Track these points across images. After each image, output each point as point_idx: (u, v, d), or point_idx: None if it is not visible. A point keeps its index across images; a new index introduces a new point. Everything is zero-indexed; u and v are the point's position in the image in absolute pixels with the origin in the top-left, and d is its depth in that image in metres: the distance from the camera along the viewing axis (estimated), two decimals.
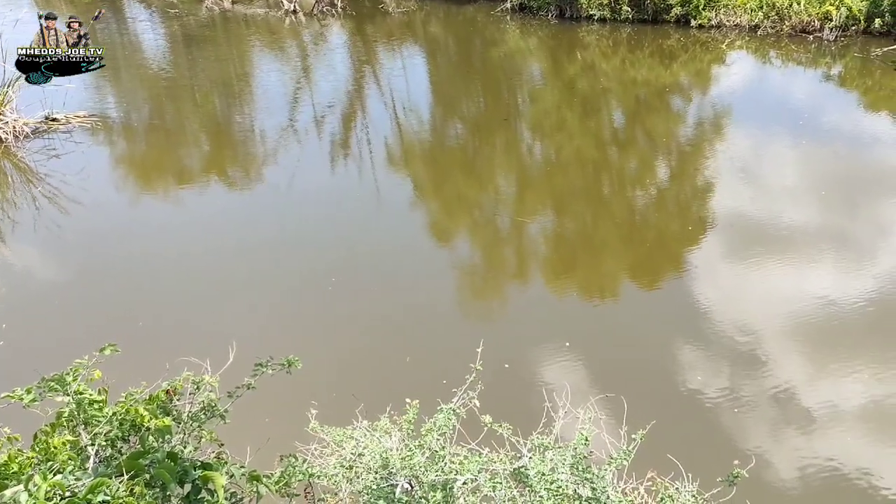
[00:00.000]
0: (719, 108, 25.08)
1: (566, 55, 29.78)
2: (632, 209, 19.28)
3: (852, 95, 25.71)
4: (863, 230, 17.21)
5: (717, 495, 6.55)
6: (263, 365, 6.12)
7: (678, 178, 20.77)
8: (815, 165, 20.49)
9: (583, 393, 11.06)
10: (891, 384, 12.62)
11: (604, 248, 17.48)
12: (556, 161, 22.19)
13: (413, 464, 6.19)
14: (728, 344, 13.70)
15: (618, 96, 26.54)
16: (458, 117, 25.27)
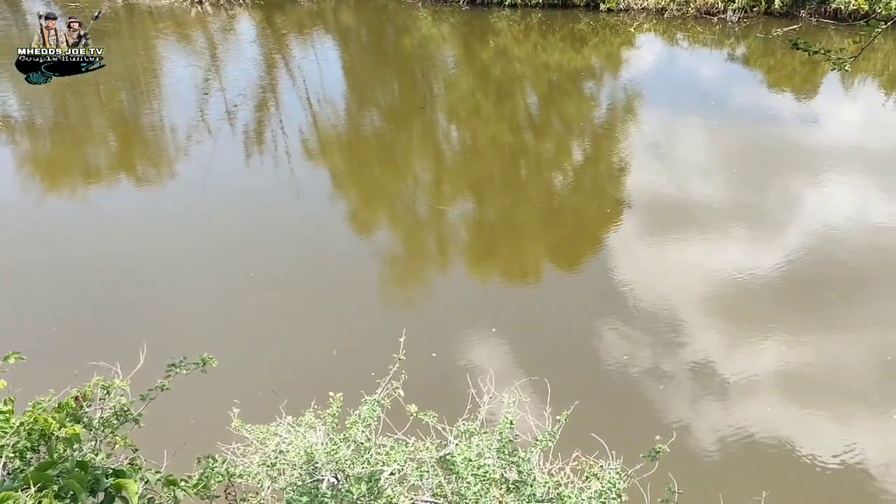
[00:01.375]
0: (631, 90, 25.47)
1: (479, 41, 29.81)
2: (550, 193, 19.43)
3: (757, 75, 26.43)
4: (772, 205, 17.71)
5: (641, 470, 6.61)
6: (177, 365, 5.90)
7: (594, 161, 21.02)
8: (725, 144, 20.98)
9: (508, 377, 11.07)
10: (801, 351, 13.02)
11: (524, 233, 17.57)
12: (473, 147, 22.21)
13: (338, 458, 6.07)
14: (648, 321, 13.93)
15: (532, 81, 26.70)
16: (374, 106, 25.05)
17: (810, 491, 10.55)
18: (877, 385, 12.33)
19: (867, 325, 13.58)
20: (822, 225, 16.56)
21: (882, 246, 15.75)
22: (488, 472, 5.90)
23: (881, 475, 10.80)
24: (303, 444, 6.33)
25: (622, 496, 6.04)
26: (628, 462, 6.77)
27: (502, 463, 6.07)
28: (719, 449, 11.28)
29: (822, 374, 12.64)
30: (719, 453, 11.22)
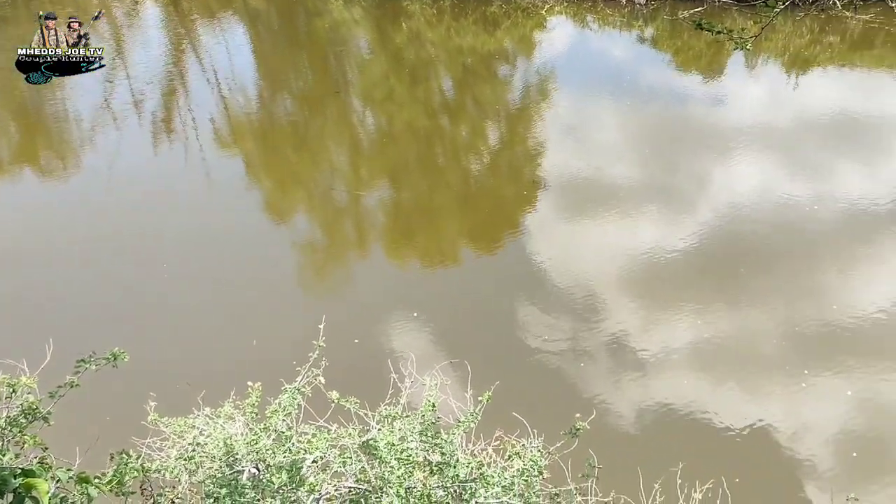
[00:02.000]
0: (544, 72, 25.66)
1: (391, 25, 29.59)
2: (467, 176, 19.49)
3: (665, 56, 26.93)
4: (683, 183, 18.14)
5: (562, 447, 6.70)
6: (86, 361, 5.70)
7: (509, 144, 21.15)
8: (637, 124, 21.35)
9: (430, 360, 11.08)
10: (714, 325, 13.40)
11: (443, 216, 17.59)
12: (389, 132, 22.09)
13: (259, 448, 5.97)
14: (565, 300, 14.13)
15: (446, 65, 26.67)
16: (287, 92, 24.66)
17: (724, 459, 10.87)
18: (786, 355, 12.78)
19: (776, 298, 14.04)
20: (731, 202, 17.03)
21: (787, 221, 16.28)
22: (411, 455, 5.88)
23: (790, 441, 11.22)
24: (221, 435, 6.20)
25: (544, 473, 6.11)
26: (550, 440, 6.85)
27: (425, 446, 6.07)
28: (637, 423, 11.55)
29: (734, 347, 13.02)
30: (637, 427, 11.48)
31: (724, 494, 6.78)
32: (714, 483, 7.05)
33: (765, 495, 10.31)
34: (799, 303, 13.92)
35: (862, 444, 11.19)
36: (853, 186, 17.43)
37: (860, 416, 11.63)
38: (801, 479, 10.66)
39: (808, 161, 18.79)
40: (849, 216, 16.37)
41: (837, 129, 20.42)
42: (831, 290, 14.22)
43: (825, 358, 12.64)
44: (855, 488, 10.36)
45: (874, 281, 14.37)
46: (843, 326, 13.26)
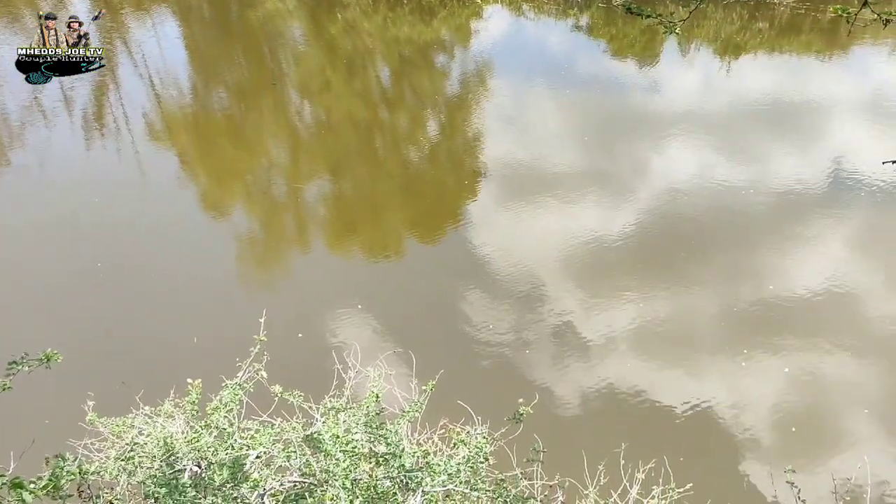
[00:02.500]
0: (482, 61, 25.70)
1: (326, 15, 29.31)
2: (408, 166, 19.44)
3: (601, 44, 27.20)
4: (622, 169, 18.35)
5: (507, 433, 6.74)
6: (18, 363, 5.51)
7: (449, 133, 21.15)
8: (576, 112, 21.53)
9: (375, 351, 11.05)
10: (655, 308, 13.62)
11: (384, 207, 17.52)
12: (327, 123, 21.91)
13: (200, 445, 5.87)
14: (509, 287, 14.20)
15: (383, 55, 26.53)
16: (222, 84, 24.25)
17: (666, 439, 11.07)
18: (726, 336, 13.04)
19: (715, 281, 14.32)
20: (669, 187, 17.30)
21: (724, 205, 16.60)
22: (357, 447, 5.85)
23: (731, 419, 11.47)
24: (161, 434, 6.09)
25: (489, 459, 6.14)
26: (495, 426, 6.89)
27: (370, 437, 6.04)
28: (582, 406, 11.68)
29: (675, 329, 13.25)
30: (582, 410, 11.61)
31: (667, 473, 6.88)
32: (657, 462, 7.16)
33: (707, 472, 10.50)
34: (737, 285, 14.21)
35: (800, 419, 11.49)
36: (786, 169, 17.86)
37: (797, 392, 11.94)
38: (742, 455, 10.90)
39: (742, 145, 19.17)
40: (782, 199, 16.76)
41: (769, 113, 20.88)
42: (767, 271, 14.55)
43: (763, 337, 12.94)
44: (794, 462, 10.62)
45: (807, 261, 14.75)
46: (780, 306, 13.59)
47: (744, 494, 10.04)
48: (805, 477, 10.27)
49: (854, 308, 13.57)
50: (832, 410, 11.61)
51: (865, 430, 11.22)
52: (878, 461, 10.67)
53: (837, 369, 12.27)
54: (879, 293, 13.91)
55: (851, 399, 11.74)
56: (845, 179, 17.40)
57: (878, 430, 11.22)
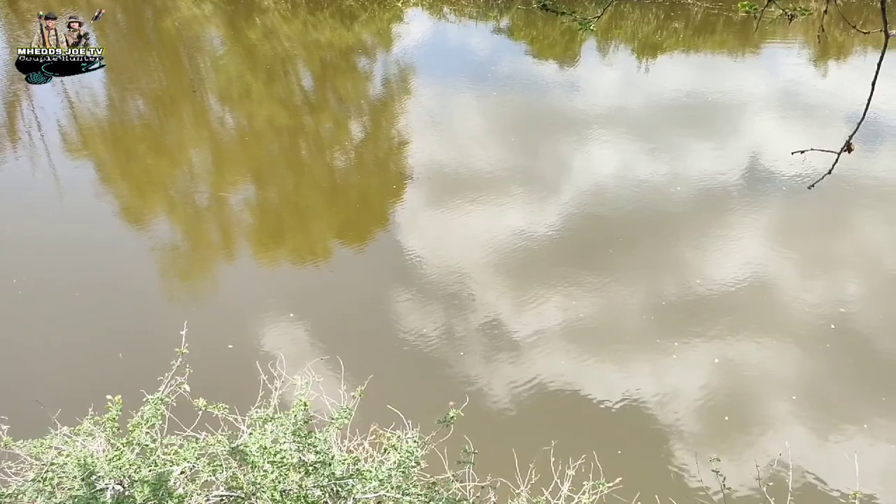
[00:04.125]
0: (405, 65, 25.69)
1: (245, 21, 28.91)
2: (334, 172, 19.29)
3: (522, 46, 27.47)
4: (548, 169, 18.54)
5: (438, 436, 6.72)
6: None
7: (375, 138, 21.06)
8: (501, 114, 21.66)
9: (304, 359, 10.91)
10: (584, 304, 13.77)
11: (311, 214, 17.35)
12: (250, 130, 21.58)
13: (122, 464, 5.69)
14: (438, 289, 14.20)
15: (304, 60, 26.29)
16: (139, 92, 23.67)
17: (597, 434, 11.20)
18: (656, 328, 13.25)
19: (641, 275, 14.54)
20: (594, 184, 17.55)
21: (647, 201, 16.90)
22: (285, 457, 5.75)
23: (664, 411, 11.65)
24: (82, 453, 5.88)
25: (421, 463, 6.10)
26: (426, 429, 6.86)
27: (299, 446, 5.94)
28: (513, 405, 11.72)
29: (605, 324, 13.41)
30: (513, 409, 11.65)
31: (597, 468, 6.95)
32: (587, 458, 7.22)
33: (638, 465, 10.64)
34: (664, 279, 14.46)
35: (731, 407, 11.71)
36: (705, 165, 18.30)
37: (729, 381, 12.18)
38: (672, 446, 11.07)
39: (662, 142, 19.56)
40: (703, 193, 17.16)
41: (687, 111, 21.37)
42: (692, 265, 14.85)
43: (692, 329, 13.19)
44: (729, 450, 10.88)
45: (730, 253, 15.10)
46: (706, 298, 13.88)
47: (672, 485, 10.20)
48: (732, 464, 10.52)
49: (777, 297, 13.94)
50: (761, 398, 11.89)
51: (792, 415, 11.52)
52: (803, 444, 10.98)
53: (765, 358, 12.57)
54: (799, 281, 14.33)
55: (779, 386, 12.03)
56: (761, 172, 17.91)
57: (804, 415, 11.53)
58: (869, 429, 11.19)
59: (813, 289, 14.10)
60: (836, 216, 16.26)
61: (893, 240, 15.43)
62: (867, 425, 11.22)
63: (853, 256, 15.02)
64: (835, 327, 13.04)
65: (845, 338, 12.88)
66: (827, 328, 13.05)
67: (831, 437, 11.13)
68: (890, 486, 10.28)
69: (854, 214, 16.30)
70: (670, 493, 7.85)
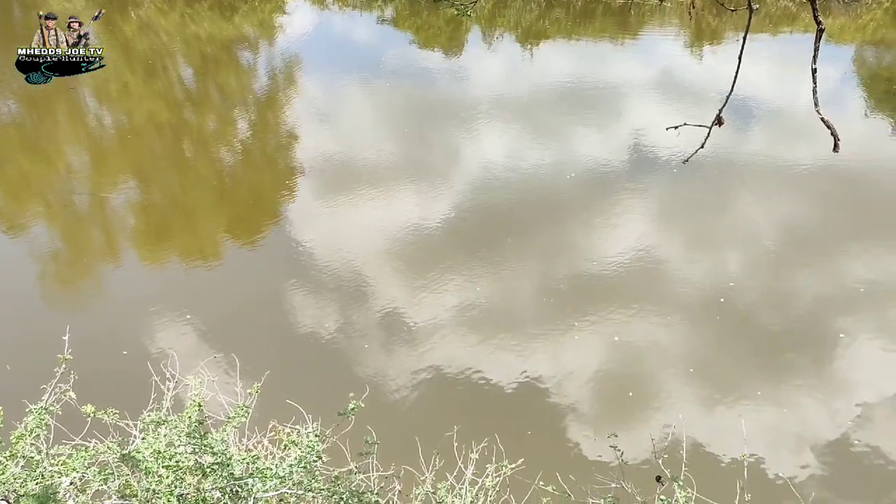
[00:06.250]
0: (291, 57, 25.31)
1: (120, 14, 27.88)
2: (222, 169, 18.84)
3: (408, 35, 27.45)
4: (438, 158, 18.60)
5: (339, 429, 6.65)
6: None
7: (263, 132, 20.67)
8: (392, 104, 21.60)
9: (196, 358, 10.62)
10: (481, 291, 13.88)
11: (200, 212, 16.90)
12: (130, 128, 20.84)
13: (6, 478, 5.39)
14: (334, 282, 14.07)
15: (184, 54, 25.55)
16: (10, 91, 22.53)
17: (500, 416, 11.32)
18: (556, 311, 13.46)
19: (537, 260, 14.74)
20: (485, 172, 17.69)
21: (539, 186, 17.16)
22: (181, 460, 5.57)
23: (559, 390, 11.85)
24: None
25: (323, 457, 6.02)
26: (327, 423, 6.77)
27: (195, 448, 5.77)
28: (415, 393, 11.72)
29: (504, 309, 13.53)
30: (415, 397, 11.65)
31: (499, 451, 7.02)
32: (489, 441, 7.28)
33: (541, 446, 10.83)
34: (559, 262, 14.70)
35: (633, 383, 11.99)
36: (592, 149, 18.70)
37: (630, 357, 12.47)
38: (577, 425, 11.27)
39: (550, 128, 19.90)
40: (591, 176, 17.53)
41: (572, 96, 21.80)
42: (586, 247, 15.14)
43: (591, 309, 13.44)
44: (629, 425, 11.16)
45: (623, 234, 15.45)
46: (603, 278, 14.16)
47: (573, 462, 10.42)
48: (632, 438, 10.81)
49: (669, 274, 14.35)
50: (659, 372, 12.20)
51: (688, 387, 11.90)
52: (697, 415, 11.38)
53: (662, 333, 12.93)
54: (688, 257, 14.80)
55: (676, 360, 12.40)
56: (645, 153, 18.44)
57: (699, 386, 11.93)
58: (761, 396, 11.68)
59: (702, 264, 14.60)
60: (717, 194, 16.88)
61: (769, 214, 16.14)
62: (761, 392, 11.71)
63: (736, 231, 15.62)
64: (724, 300, 13.54)
65: (734, 310, 13.39)
66: (717, 302, 13.53)
67: (723, 406, 11.56)
68: (775, 448, 10.77)
69: (733, 191, 16.96)
70: (571, 471, 7.98)
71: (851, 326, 12.92)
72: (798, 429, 11.16)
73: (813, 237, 15.28)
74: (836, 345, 12.58)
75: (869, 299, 13.47)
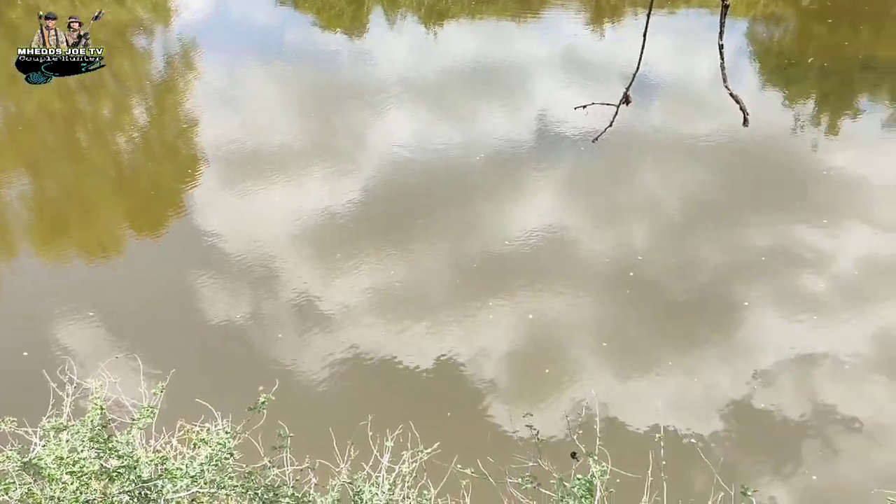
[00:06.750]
0: (188, 41, 24.56)
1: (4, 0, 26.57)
2: (119, 158, 18.22)
3: (308, 17, 26.96)
4: (345, 141, 18.36)
5: (251, 424, 6.53)
6: None
7: (161, 120, 20.05)
8: (293, 87, 21.20)
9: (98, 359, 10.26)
10: (393, 273, 13.80)
11: (97, 205, 16.33)
12: (20, 118, 19.93)
13: None
14: (243, 271, 13.82)
15: None
16: None
17: (415, 402, 11.33)
18: (470, 291, 13.50)
19: (449, 241, 14.74)
20: (393, 154, 17.55)
21: (447, 167, 17.12)
22: (85, 466, 5.38)
23: (475, 371, 11.92)
24: None
25: (234, 454, 5.89)
26: (238, 419, 6.63)
27: (99, 452, 5.57)
28: (328, 383, 11.62)
29: (418, 292, 13.50)
30: (328, 387, 11.55)
31: (414, 437, 7.00)
32: (404, 427, 7.25)
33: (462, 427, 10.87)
34: (471, 242, 14.69)
35: (552, 360, 12.14)
36: (499, 128, 18.73)
37: (545, 334, 12.61)
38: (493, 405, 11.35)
39: (456, 109, 19.87)
40: (499, 156, 17.56)
41: (477, 76, 21.79)
42: (497, 226, 15.17)
43: (504, 288, 13.50)
44: (545, 402, 11.30)
45: (533, 212, 15.50)
46: (516, 257, 14.23)
47: (490, 443, 10.49)
48: (548, 416, 10.97)
49: (580, 250, 14.53)
50: (574, 348, 12.39)
51: (603, 361, 12.12)
52: (610, 389, 11.62)
53: (575, 309, 13.11)
54: (598, 234, 15.00)
55: (590, 335, 12.60)
56: (552, 132, 18.56)
57: (613, 360, 12.16)
58: (672, 366, 11.99)
59: (611, 240, 14.80)
60: (623, 170, 17.14)
61: (674, 188, 16.51)
62: (672, 362, 12.02)
63: (643, 206, 15.90)
64: (633, 274, 13.81)
65: (644, 283, 13.67)
66: (627, 276, 13.79)
67: (636, 378, 11.83)
68: (684, 417, 11.09)
69: (639, 167, 17.26)
70: (490, 452, 8.05)
71: (754, 294, 13.37)
72: (707, 395, 11.52)
73: (715, 210, 15.71)
74: (741, 313, 13.01)
75: (769, 268, 13.96)
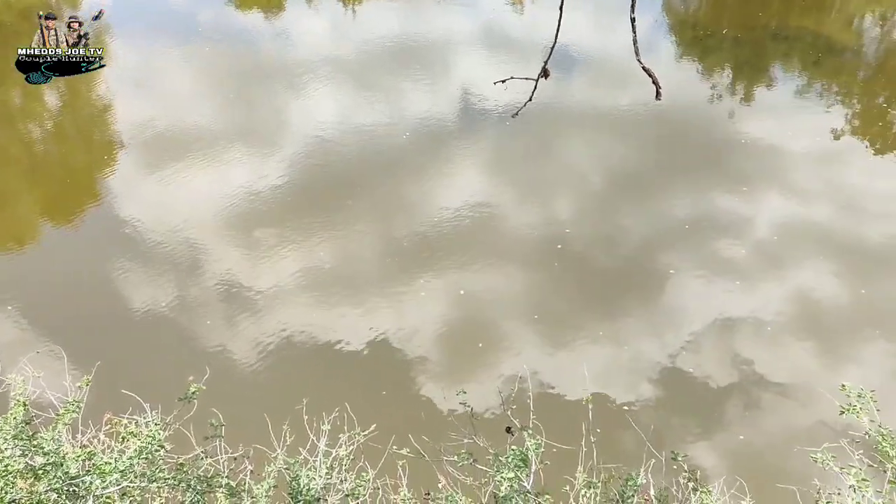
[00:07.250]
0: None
1: None
2: (31, 147, 17.58)
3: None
4: (266, 121, 18.02)
5: (182, 414, 6.38)
6: None
7: (74, 106, 19.37)
8: (211, 68, 20.68)
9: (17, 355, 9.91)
10: (322, 254, 13.66)
11: (9, 194, 15.74)
12: None
13: None
14: (166, 256, 13.53)
15: None
16: None
17: (349, 382, 11.29)
18: (400, 269, 13.45)
19: (376, 219, 14.66)
20: (316, 134, 17.30)
21: (371, 146, 16.95)
22: (9, 464, 5.18)
23: (408, 349, 11.91)
24: None
25: (165, 446, 5.75)
26: (168, 409, 6.47)
27: (23, 450, 5.37)
28: (261, 368, 11.46)
29: (346, 272, 13.39)
30: (261, 372, 11.40)
31: (350, 419, 6.94)
32: (340, 410, 7.18)
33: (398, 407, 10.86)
34: (398, 221, 14.64)
35: (484, 334, 12.21)
36: (422, 106, 18.64)
37: (477, 309, 12.68)
38: (428, 383, 11.36)
39: (378, 87, 19.68)
40: (423, 133, 17.49)
41: (398, 54, 21.61)
42: (428, 204, 15.12)
43: (435, 265, 13.51)
44: (479, 377, 11.37)
45: (460, 189, 15.49)
46: (446, 234, 14.22)
47: (425, 422, 10.50)
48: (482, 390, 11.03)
49: (507, 225, 14.60)
50: (506, 322, 12.47)
51: (534, 333, 12.22)
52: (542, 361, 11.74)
53: (505, 284, 13.20)
54: (525, 208, 15.08)
55: (520, 309, 12.69)
56: (475, 108, 18.55)
57: (544, 332, 12.27)
58: (602, 336, 12.17)
59: (538, 214, 14.91)
60: (547, 144, 17.25)
61: (596, 159, 16.71)
62: (602, 332, 12.21)
63: (567, 179, 16.05)
64: (561, 247, 13.93)
65: (572, 255, 13.82)
66: (555, 249, 13.91)
67: (567, 349, 11.98)
68: (615, 385, 11.29)
69: (563, 140, 17.40)
70: (423, 431, 8.05)
71: (678, 262, 13.65)
72: (637, 362, 11.74)
73: (639, 180, 15.94)
74: (667, 280, 13.27)
75: (693, 236, 14.26)
